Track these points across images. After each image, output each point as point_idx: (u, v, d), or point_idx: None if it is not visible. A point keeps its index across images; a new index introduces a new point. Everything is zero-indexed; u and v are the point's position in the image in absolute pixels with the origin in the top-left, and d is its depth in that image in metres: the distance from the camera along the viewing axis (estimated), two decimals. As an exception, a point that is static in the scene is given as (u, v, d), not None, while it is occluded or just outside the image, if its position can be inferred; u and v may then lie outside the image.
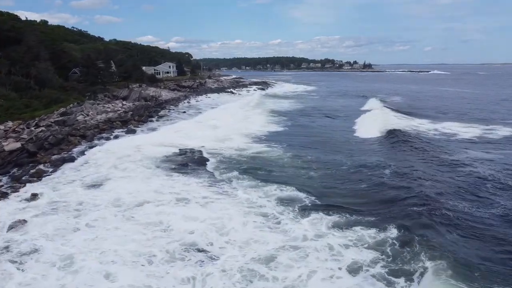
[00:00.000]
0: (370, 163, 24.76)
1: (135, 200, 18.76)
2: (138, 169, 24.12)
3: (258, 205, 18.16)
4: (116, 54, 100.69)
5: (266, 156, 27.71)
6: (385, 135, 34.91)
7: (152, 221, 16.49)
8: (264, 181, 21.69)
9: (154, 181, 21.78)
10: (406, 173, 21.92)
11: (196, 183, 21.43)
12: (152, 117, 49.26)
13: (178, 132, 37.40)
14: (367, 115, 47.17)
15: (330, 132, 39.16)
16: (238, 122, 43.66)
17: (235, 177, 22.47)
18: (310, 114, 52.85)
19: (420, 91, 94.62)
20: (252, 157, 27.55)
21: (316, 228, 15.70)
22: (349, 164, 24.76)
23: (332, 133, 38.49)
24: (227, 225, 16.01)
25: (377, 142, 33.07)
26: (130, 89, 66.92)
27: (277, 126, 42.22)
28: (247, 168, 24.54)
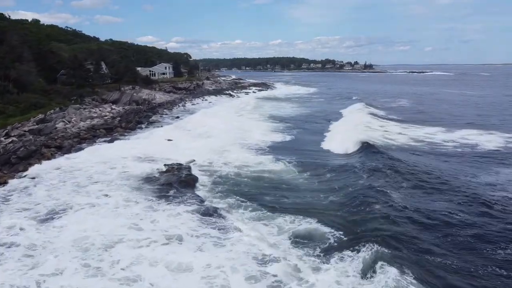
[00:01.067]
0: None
1: (104, 240, 14.87)
2: (112, 192, 20.28)
3: (268, 245, 14.36)
4: (110, 54, 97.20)
5: (272, 175, 23.79)
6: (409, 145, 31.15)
7: (124, 276, 12.57)
8: (272, 209, 17.97)
9: (129, 210, 17.93)
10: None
11: (186, 212, 17.61)
12: (141, 123, 45.45)
13: (166, 142, 33.58)
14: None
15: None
16: (236, 130, 39.89)
17: (235, 204, 18.76)
18: (316, 120, 49.04)
19: (425, 93, 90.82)
20: (255, 176, 23.67)
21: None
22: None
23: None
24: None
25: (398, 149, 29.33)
26: (121, 92, 63.08)
27: (282, 134, 38.39)
28: (249, 191, 20.83)
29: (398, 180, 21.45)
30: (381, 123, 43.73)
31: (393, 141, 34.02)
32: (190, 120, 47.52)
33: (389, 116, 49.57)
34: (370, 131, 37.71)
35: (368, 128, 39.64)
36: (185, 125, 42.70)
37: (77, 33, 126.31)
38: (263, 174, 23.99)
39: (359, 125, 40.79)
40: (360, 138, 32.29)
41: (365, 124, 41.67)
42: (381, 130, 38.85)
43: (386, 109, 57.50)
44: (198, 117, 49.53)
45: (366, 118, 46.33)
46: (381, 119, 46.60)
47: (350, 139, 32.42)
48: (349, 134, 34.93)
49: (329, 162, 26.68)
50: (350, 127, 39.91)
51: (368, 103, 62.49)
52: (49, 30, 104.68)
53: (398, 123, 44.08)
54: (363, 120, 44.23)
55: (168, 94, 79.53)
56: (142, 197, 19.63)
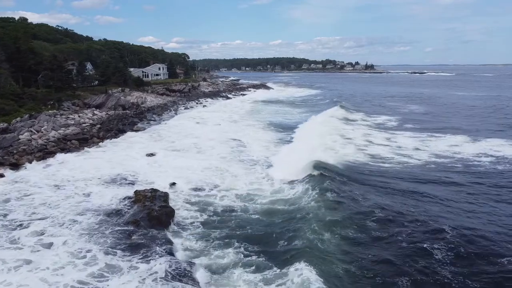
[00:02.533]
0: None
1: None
2: (55, 238, 15.14)
3: None
4: (100, 54, 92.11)
5: (287, 208, 18.49)
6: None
7: None
8: (283, 262, 12.93)
9: (68, 277, 12.70)
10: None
11: (148, 276, 12.40)
12: (124, 132, 40.32)
13: (146, 157, 28.45)
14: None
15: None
16: (231, 142, 34.78)
17: (235, 262, 13.47)
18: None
19: (435, 96, 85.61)
20: (265, 209, 18.38)
21: None
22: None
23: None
24: None
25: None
26: (108, 95, 57.92)
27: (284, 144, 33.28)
28: (256, 235, 15.58)
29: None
30: (389, 135, 38.62)
31: (410, 157, 28.84)
32: (179, 128, 42.40)
33: (404, 125, 44.36)
34: (391, 149, 32.53)
35: (386, 143, 34.51)
36: (172, 135, 37.52)
37: (69, 32, 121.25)
38: (275, 206, 18.72)
39: (375, 138, 35.65)
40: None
41: (380, 138, 36.52)
42: (393, 146, 33.70)
43: (397, 115, 52.36)
44: (189, 125, 44.45)
45: (378, 132, 41.11)
46: (392, 131, 41.49)
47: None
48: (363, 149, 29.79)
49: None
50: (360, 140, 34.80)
51: (377, 111, 57.30)
52: (37, 29, 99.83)
53: (416, 133, 38.93)
54: (378, 134, 39.02)
55: (160, 97, 74.45)
56: (94, 247, 14.44)
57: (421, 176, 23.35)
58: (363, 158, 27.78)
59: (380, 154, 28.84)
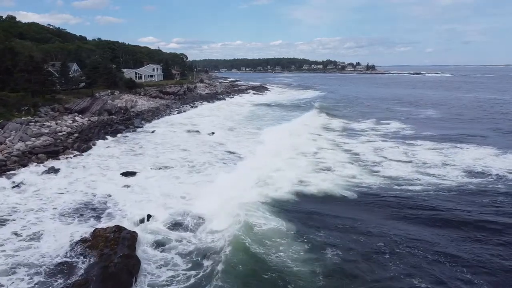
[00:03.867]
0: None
1: None
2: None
3: None
4: (91, 55, 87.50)
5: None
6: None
7: None
8: None
9: None
10: None
11: None
12: (105, 139, 35.76)
13: (121, 178, 23.82)
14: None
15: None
16: (226, 159, 30.17)
17: None
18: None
19: (448, 98, 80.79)
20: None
21: None
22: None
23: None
24: None
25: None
26: (94, 99, 53.26)
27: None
28: None
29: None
30: (406, 147, 34.06)
31: (441, 177, 24.21)
32: (168, 137, 37.78)
33: (421, 133, 39.73)
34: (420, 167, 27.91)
35: (404, 157, 29.90)
36: (158, 147, 32.82)
37: (61, 32, 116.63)
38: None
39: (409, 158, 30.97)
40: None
41: (396, 151, 31.91)
42: (414, 161, 29.07)
43: (410, 121, 47.75)
44: (179, 134, 39.84)
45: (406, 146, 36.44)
46: (409, 142, 36.92)
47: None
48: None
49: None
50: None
51: (387, 116, 52.62)
52: (25, 28, 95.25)
53: (436, 142, 34.32)
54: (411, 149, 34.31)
55: (153, 100, 69.80)
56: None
57: (471, 207, 18.71)
58: (376, 181, 23.07)
59: (401, 176, 24.14)
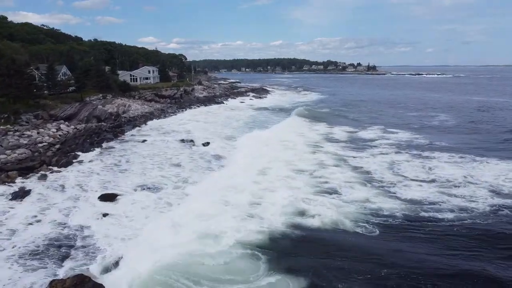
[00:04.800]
0: None
1: None
2: None
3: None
4: (85, 56, 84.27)
5: None
6: None
7: None
8: None
9: None
10: None
11: None
12: (89, 151, 32.55)
13: (98, 204, 20.56)
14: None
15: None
16: (224, 192, 26.97)
17: None
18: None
19: (452, 102, 77.50)
20: None
21: None
22: None
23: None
24: None
25: None
26: (83, 104, 50.06)
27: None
28: None
29: None
30: (422, 160, 30.83)
31: (469, 199, 21.01)
32: (158, 148, 34.51)
33: (435, 142, 36.49)
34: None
35: (422, 173, 26.70)
36: (146, 161, 29.56)
37: (55, 32, 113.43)
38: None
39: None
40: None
41: (412, 166, 28.69)
42: (432, 177, 25.80)
43: (423, 129, 44.53)
44: (172, 143, 36.62)
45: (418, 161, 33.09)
46: (425, 153, 33.71)
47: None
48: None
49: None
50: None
51: (396, 123, 49.30)
52: (17, 28, 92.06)
53: (454, 154, 31.07)
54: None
55: (148, 104, 66.60)
56: None
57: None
58: (395, 206, 19.84)
59: (424, 198, 20.89)
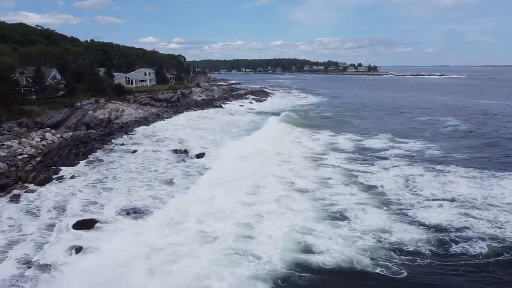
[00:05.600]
0: None
1: None
2: None
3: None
4: (79, 58, 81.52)
5: None
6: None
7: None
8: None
9: None
10: None
11: None
12: (73, 164, 29.81)
13: (71, 234, 17.80)
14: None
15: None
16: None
17: None
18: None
19: (460, 106, 74.57)
20: None
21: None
22: None
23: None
24: None
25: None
26: (73, 109, 47.37)
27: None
28: None
29: None
30: (436, 174, 28.07)
31: (496, 225, 18.23)
32: (148, 161, 31.67)
33: (450, 154, 33.69)
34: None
35: (438, 192, 23.96)
36: (134, 176, 26.68)
37: (50, 33, 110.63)
38: None
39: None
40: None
41: (427, 182, 25.98)
42: (451, 197, 23.04)
43: (435, 137, 41.74)
44: (163, 154, 33.81)
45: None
46: (439, 166, 30.92)
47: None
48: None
49: None
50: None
51: (405, 130, 46.54)
52: (10, 28, 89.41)
53: (470, 167, 28.31)
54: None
55: (143, 108, 63.85)
56: None
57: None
58: (418, 236, 17.09)
59: (448, 224, 18.14)
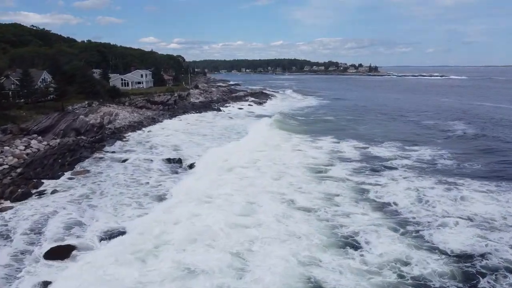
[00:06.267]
0: None
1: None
2: None
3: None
4: (73, 59, 79.34)
5: None
6: None
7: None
8: None
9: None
10: None
11: None
12: (58, 177, 27.66)
13: (31, 268, 15.62)
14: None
15: None
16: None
17: None
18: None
19: (467, 109, 72.26)
20: None
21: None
22: None
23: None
24: None
25: None
26: (63, 114, 45.19)
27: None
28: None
29: None
30: (450, 188, 25.90)
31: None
32: (139, 172, 29.37)
33: (464, 164, 31.44)
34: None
35: (458, 213, 21.79)
36: (123, 191, 24.40)
37: (46, 33, 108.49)
38: None
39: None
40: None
41: (441, 200, 23.77)
42: (469, 220, 20.85)
43: (446, 144, 39.52)
44: (155, 164, 31.58)
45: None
46: (452, 179, 28.71)
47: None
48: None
49: None
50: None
51: (412, 137, 44.21)
52: (3, 28, 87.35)
53: (486, 181, 26.11)
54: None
55: (138, 111, 61.67)
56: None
57: None
58: (441, 268, 14.89)
59: (469, 249, 15.94)
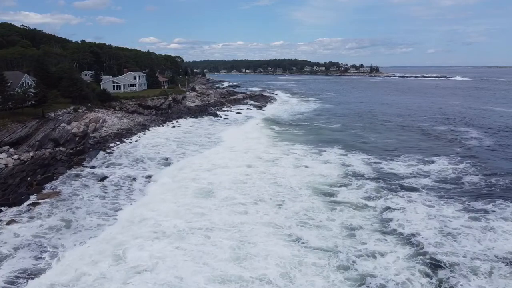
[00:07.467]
0: None
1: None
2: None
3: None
4: (62, 61, 75.72)
5: None
6: None
7: None
8: None
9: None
10: None
11: None
12: (20, 202, 23.88)
13: None
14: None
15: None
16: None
17: None
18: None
19: (475, 112, 68.34)
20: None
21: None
22: None
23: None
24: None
25: None
26: (42, 121, 41.38)
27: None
28: None
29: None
30: (478, 217, 22.07)
31: None
32: (124, 191, 25.50)
33: (489, 177, 27.54)
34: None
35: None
36: (101, 223, 20.53)
37: (36, 33, 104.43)
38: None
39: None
40: None
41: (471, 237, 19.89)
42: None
43: (462, 156, 35.72)
44: (138, 183, 27.72)
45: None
46: (478, 206, 24.93)
47: None
48: None
49: None
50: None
51: (436, 144, 40.24)
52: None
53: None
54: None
55: (128, 117, 57.80)
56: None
57: None
58: None
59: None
